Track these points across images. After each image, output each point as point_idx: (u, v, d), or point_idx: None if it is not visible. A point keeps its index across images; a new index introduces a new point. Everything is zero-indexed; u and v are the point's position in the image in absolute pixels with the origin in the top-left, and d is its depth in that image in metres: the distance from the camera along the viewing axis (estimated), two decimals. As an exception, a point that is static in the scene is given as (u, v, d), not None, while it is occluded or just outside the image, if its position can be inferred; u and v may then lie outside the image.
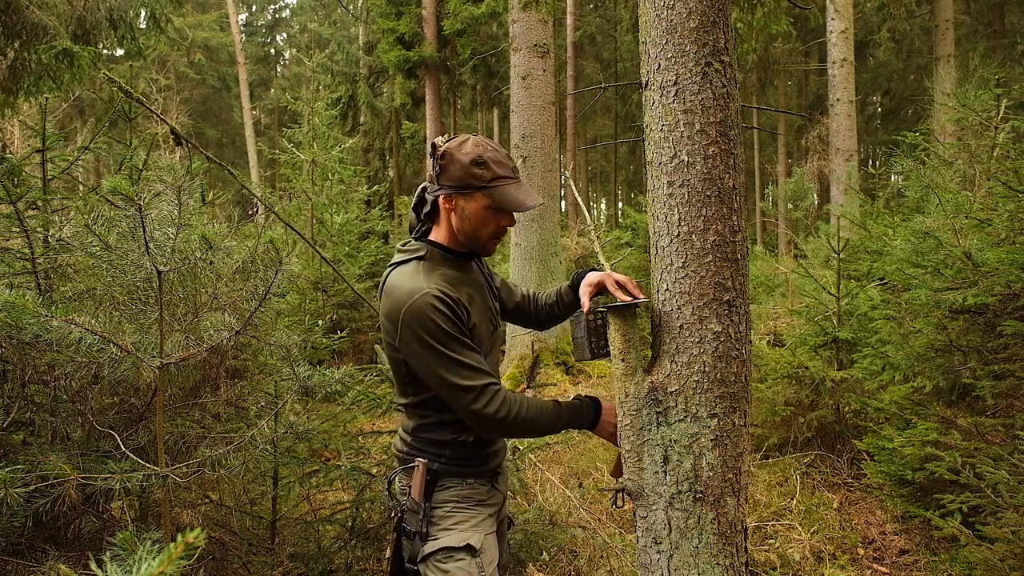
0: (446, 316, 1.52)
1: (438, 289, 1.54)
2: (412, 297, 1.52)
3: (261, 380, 2.86)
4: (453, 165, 1.58)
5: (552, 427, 1.64)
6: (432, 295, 1.52)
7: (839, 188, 10.67)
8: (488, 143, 1.63)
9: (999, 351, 3.09)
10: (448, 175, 1.60)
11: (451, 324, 1.53)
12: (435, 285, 1.55)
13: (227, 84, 29.40)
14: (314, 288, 7.17)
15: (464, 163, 1.57)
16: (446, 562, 1.58)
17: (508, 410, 1.55)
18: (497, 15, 12.76)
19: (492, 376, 1.58)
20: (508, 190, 1.61)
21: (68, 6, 4.76)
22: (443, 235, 1.69)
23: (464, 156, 1.57)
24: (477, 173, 1.58)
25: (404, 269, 1.63)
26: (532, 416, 1.59)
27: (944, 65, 12.45)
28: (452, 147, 1.59)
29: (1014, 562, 2.42)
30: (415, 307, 1.51)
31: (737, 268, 1.69)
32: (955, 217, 3.76)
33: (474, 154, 1.58)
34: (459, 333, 1.54)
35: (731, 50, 1.71)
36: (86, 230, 2.33)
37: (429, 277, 1.58)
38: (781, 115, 20.90)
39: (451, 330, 1.52)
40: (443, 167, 1.59)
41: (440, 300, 1.52)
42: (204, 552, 2.65)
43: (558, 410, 1.66)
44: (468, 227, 1.64)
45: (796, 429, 4.41)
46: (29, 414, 2.38)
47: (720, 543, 1.68)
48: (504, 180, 1.61)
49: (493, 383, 1.56)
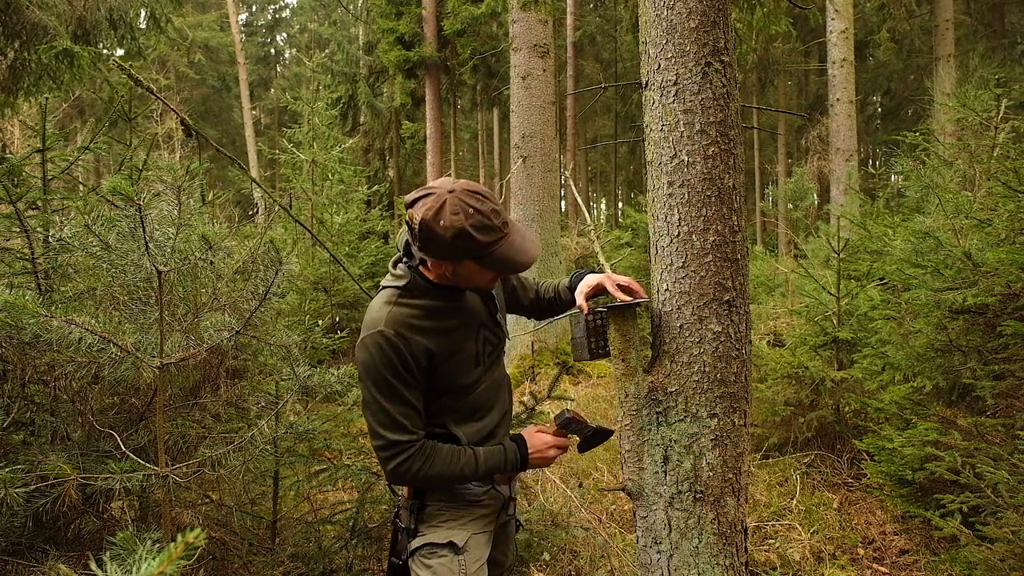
0: (388, 359, 1.49)
1: (393, 331, 1.50)
2: (366, 331, 1.53)
3: (261, 380, 2.86)
4: (434, 241, 1.44)
5: (464, 478, 1.61)
6: (383, 335, 1.50)
7: (839, 188, 10.67)
8: (468, 201, 1.43)
9: (999, 351, 3.09)
10: (432, 250, 1.47)
11: (390, 369, 1.49)
12: (393, 325, 1.51)
13: (227, 84, 29.40)
14: (314, 288, 7.17)
15: (446, 239, 1.42)
16: (430, 558, 1.62)
17: (410, 467, 1.53)
18: (497, 15, 12.77)
19: (410, 433, 1.53)
20: (498, 254, 1.48)
21: (68, 6, 4.77)
22: (434, 277, 1.60)
23: (444, 231, 1.41)
24: (463, 247, 1.44)
25: (382, 295, 1.60)
26: (437, 472, 1.56)
27: (944, 65, 12.45)
28: (429, 219, 1.42)
29: (1014, 562, 2.42)
30: (364, 342, 1.52)
31: (737, 268, 1.69)
32: (955, 217, 3.77)
33: (455, 227, 1.41)
34: (396, 379, 1.50)
35: (731, 50, 1.71)
36: (86, 230, 2.33)
37: (394, 313, 1.53)
38: (781, 115, 20.90)
39: (388, 375, 1.50)
40: (424, 242, 1.46)
41: (388, 342, 1.49)
42: (204, 552, 2.65)
43: (473, 461, 1.61)
44: (464, 282, 1.59)
45: (796, 429, 4.41)
46: (29, 414, 2.38)
47: (720, 543, 1.69)
48: (494, 244, 1.46)
49: (405, 442, 1.52)
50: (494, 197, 1.51)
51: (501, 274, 1.64)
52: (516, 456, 1.68)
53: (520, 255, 1.50)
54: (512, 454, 1.68)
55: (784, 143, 22.09)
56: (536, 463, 1.72)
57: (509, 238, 1.49)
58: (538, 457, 1.71)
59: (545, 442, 1.72)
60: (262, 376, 2.88)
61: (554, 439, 1.73)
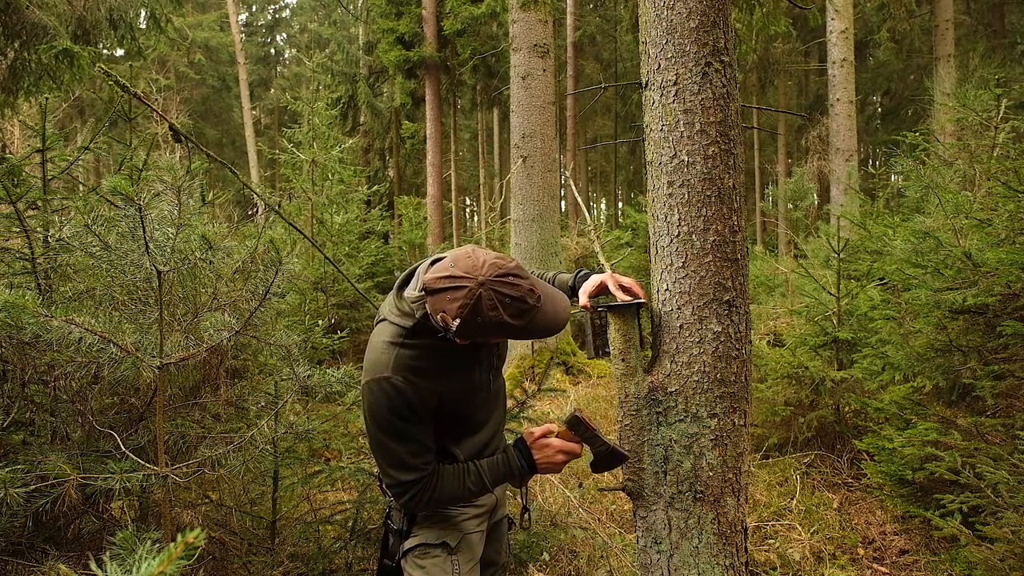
0: (395, 406, 1.48)
1: (401, 377, 1.47)
2: (371, 375, 1.50)
3: (261, 380, 2.86)
4: (470, 334, 1.40)
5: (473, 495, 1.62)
6: (390, 382, 1.47)
7: (839, 188, 10.67)
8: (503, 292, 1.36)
9: (999, 351, 3.09)
10: (465, 336, 1.41)
11: (397, 415, 1.49)
12: (400, 371, 1.48)
13: (227, 84, 29.38)
14: (314, 288, 7.17)
15: (484, 330, 1.38)
16: (423, 558, 1.63)
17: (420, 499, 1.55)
18: (497, 15, 12.77)
19: (419, 471, 1.53)
20: (533, 326, 1.42)
21: (68, 6, 4.76)
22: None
23: (481, 327, 1.37)
24: (499, 333, 1.41)
25: (385, 332, 1.53)
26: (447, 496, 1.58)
27: (944, 65, 12.45)
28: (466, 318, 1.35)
29: (1014, 562, 2.42)
30: (370, 387, 1.50)
31: (737, 268, 1.69)
32: (955, 217, 3.76)
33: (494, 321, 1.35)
34: (404, 423, 1.50)
35: (731, 50, 1.71)
36: (86, 230, 2.33)
37: (400, 356, 1.49)
38: (781, 115, 20.90)
39: (395, 420, 1.49)
40: (459, 332, 1.39)
41: (395, 389, 1.47)
42: (204, 552, 2.65)
43: (478, 477, 1.61)
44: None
45: (796, 429, 4.41)
46: (29, 414, 2.38)
47: (720, 543, 1.69)
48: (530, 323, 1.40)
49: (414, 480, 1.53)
50: (524, 272, 1.43)
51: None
52: (519, 462, 1.65)
53: (551, 323, 1.45)
54: (515, 460, 1.65)
55: (784, 143, 22.09)
56: (545, 469, 1.67)
57: (543, 310, 1.43)
58: (546, 463, 1.66)
59: (552, 447, 1.67)
60: (262, 376, 2.88)
61: (561, 443, 1.68)
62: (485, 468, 1.62)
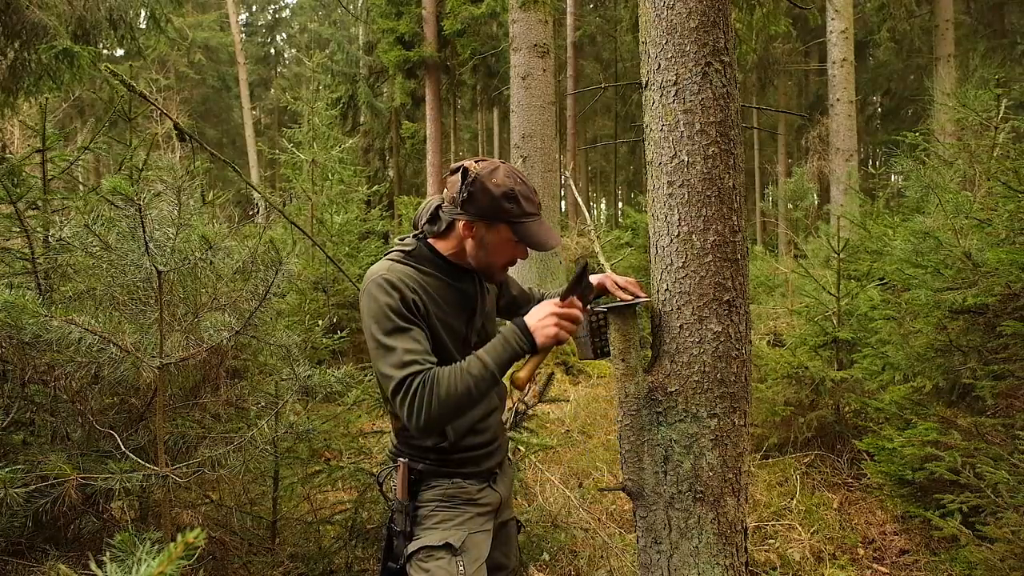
0: (390, 299, 1.52)
1: (395, 277, 1.56)
2: (368, 281, 1.57)
3: (261, 380, 2.86)
4: (484, 194, 1.55)
5: (480, 383, 1.46)
6: (384, 279, 1.55)
7: (839, 188, 10.68)
8: (519, 175, 1.61)
9: (999, 351, 3.09)
10: (476, 203, 1.56)
11: (393, 309, 1.51)
12: (394, 274, 1.57)
13: (227, 84, 29.39)
14: (314, 288, 7.17)
15: (495, 195, 1.54)
16: (427, 561, 1.59)
17: (421, 398, 1.43)
18: (497, 15, 12.76)
19: (420, 365, 1.47)
20: (532, 227, 1.59)
21: (68, 6, 4.76)
22: (447, 248, 1.67)
23: (496, 187, 1.54)
24: (507, 207, 1.55)
25: (382, 260, 1.65)
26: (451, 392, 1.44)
27: (944, 65, 12.45)
28: (484, 175, 1.55)
29: (1014, 562, 2.42)
30: (367, 290, 1.55)
31: (737, 268, 1.69)
32: (955, 217, 3.76)
33: (506, 187, 1.55)
34: (399, 318, 1.52)
35: (731, 50, 1.71)
36: (86, 230, 2.33)
37: (395, 268, 1.59)
38: (781, 115, 20.90)
39: (391, 313, 1.51)
40: (472, 194, 1.56)
41: (389, 284, 1.54)
42: (204, 552, 2.65)
43: (477, 361, 1.48)
44: (483, 255, 1.63)
45: (796, 429, 4.41)
46: (29, 414, 2.38)
47: (720, 543, 1.69)
48: (530, 217, 1.59)
49: (411, 373, 1.45)
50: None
51: (526, 249, 1.64)
52: (518, 335, 1.49)
53: (548, 237, 1.61)
54: (512, 334, 1.50)
55: (784, 143, 22.09)
56: (542, 332, 1.49)
57: (540, 220, 1.63)
58: (542, 327, 1.49)
59: (545, 312, 1.52)
60: (262, 376, 2.88)
61: (555, 306, 1.52)
62: (481, 352, 1.50)
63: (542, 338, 1.49)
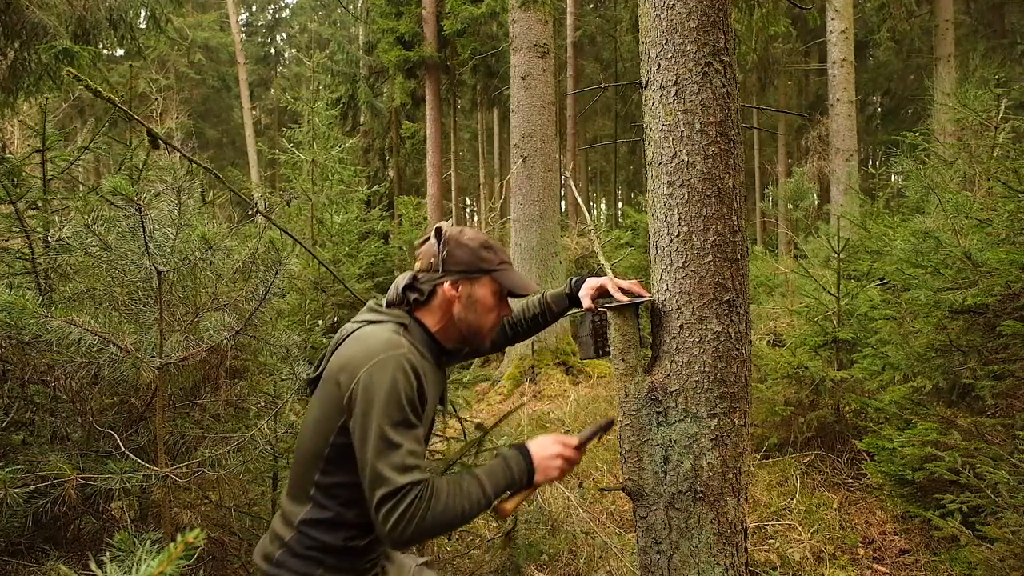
0: (410, 385, 1.39)
1: (415, 358, 1.44)
2: (389, 351, 1.40)
3: (261, 380, 2.86)
4: (461, 249, 1.55)
5: (472, 507, 1.41)
6: (407, 359, 1.40)
7: (839, 188, 10.68)
8: (481, 232, 1.64)
9: (999, 351, 3.09)
10: (456, 259, 1.55)
11: (408, 398, 1.38)
12: (412, 353, 1.45)
13: (227, 84, 29.38)
14: (314, 288, 7.17)
15: (472, 247, 1.56)
16: None
17: (415, 512, 1.33)
18: (497, 15, 12.76)
19: (419, 473, 1.37)
20: (511, 274, 1.62)
21: (68, 6, 4.77)
22: (434, 323, 1.57)
23: (471, 241, 1.57)
24: (486, 256, 1.57)
25: (383, 327, 1.50)
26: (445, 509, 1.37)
27: (944, 65, 12.45)
28: (454, 234, 1.58)
29: (1014, 562, 2.42)
30: (384, 362, 1.38)
31: (737, 268, 1.69)
32: (955, 217, 3.76)
33: (479, 239, 1.58)
34: (411, 410, 1.39)
35: (731, 50, 1.71)
36: (86, 230, 2.33)
37: (406, 345, 1.46)
38: (781, 115, 20.90)
39: (405, 403, 1.37)
40: (451, 252, 1.55)
41: (412, 367, 1.41)
42: (204, 552, 2.65)
43: (476, 483, 1.43)
44: (473, 316, 1.57)
45: (796, 429, 4.41)
46: (29, 414, 2.38)
47: (720, 543, 1.69)
48: (506, 265, 1.61)
49: (411, 483, 1.34)
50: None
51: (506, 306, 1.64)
52: (521, 467, 1.48)
53: (526, 282, 1.63)
54: (516, 463, 1.48)
55: (784, 143, 22.09)
56: (546, 471, 1.50)
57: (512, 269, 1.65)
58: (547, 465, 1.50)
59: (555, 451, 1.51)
60: (262, 376, 2.88)
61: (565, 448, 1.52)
62: (482, 474, 1.46)
63: (543, 476, 1.50)
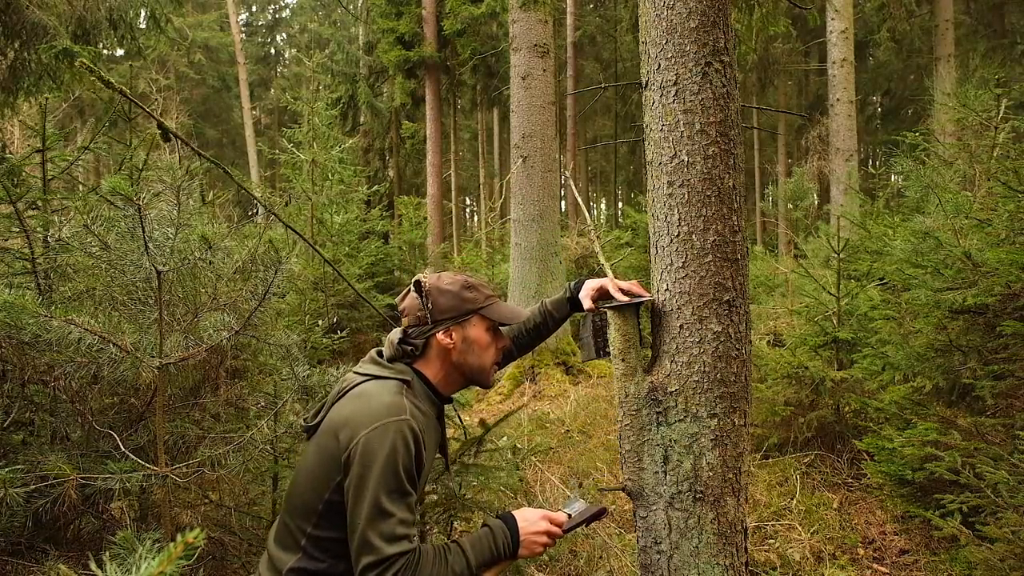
0: (409, 454, 1.39)
1: (417, 424, 1.43)
2: (391, 415, 1.40)
3: (261, 380, 2.86)
4: (444, 295, 1.56)
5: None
6: (409, 427, 1.40)
7: (839, 188, 10.68)
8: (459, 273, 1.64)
9: (999, 351, 3.09)
10: (441, 307, 1.55)
11: (407, 466, 1.39)
12: (415, 418, 1.43)
13: (227, 84, 29.38)
14: (314, 288, 7.18)
15: (454, 291, 1.57)
16: None
17: None
18: (497, 15, 12.76)
19: (408, 541, 1.37)
20: (500, 307, 1.63)
21: (68, 6, 4.77)
22: (434, 374, 1.59)
23: (450, 285, 1.57)
24: (469, 296, 1.58)
25: (386, 386, 1.48)
26: None
27: (944, 65, 12.46)
28: (433, 282, 1.58)
29: (1014, 562, 2.42)
30: (387, 428, 1.38)
31: (737, 268, 1.69)
32: (955, 217, 3.76)
33: (458, 282, 1.59)
34: (408, 480, 1.39)
35: (731, 50, 1.71)
36: (86, 230, 2.33)
37: (410, 406, 1.45)
38: (781, 115, 20.90)
39: (402, 472, 1.37)
40: (435, 301, 1.56)
41: (414, 435, 1.40)
42: (204, 552, 2.65)
43: (462, 557, 1.43)
44: (473, 357, 1.59)
45: (796, 429, 4.41)
46: (29, 414, 2.38)
47: (720, 543, 1.69)
48: (492, 299, 1.62)
49: (398, 553, 1.35)
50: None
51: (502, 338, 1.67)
52: (506, 541, 1.48)
53: (515, 310, 1.66)
54: (501, 536, 1.48)
55: (784, 143, 22.09)
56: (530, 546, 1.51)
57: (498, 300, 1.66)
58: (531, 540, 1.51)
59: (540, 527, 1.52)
60: (262, 376, 2.88)
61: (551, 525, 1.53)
62: (466, 545, 1.45)
63: (526, 551, 1.51)
